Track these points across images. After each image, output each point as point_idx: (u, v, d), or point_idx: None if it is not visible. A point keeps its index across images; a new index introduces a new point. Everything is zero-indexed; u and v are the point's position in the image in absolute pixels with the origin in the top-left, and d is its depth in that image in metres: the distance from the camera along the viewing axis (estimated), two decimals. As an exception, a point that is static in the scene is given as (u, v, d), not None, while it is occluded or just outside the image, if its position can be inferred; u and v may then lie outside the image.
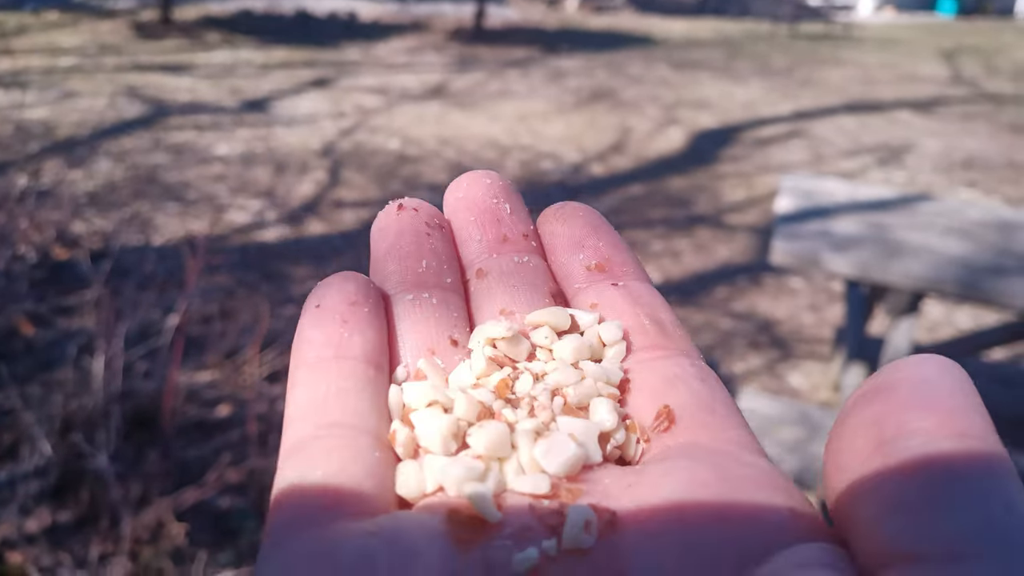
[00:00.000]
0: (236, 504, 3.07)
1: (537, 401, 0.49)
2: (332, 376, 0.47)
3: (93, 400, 3.09)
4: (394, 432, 0.46)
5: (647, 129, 9.05)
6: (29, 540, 2.74)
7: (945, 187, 7.69)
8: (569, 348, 0.52)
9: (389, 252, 0.57)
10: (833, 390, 4.24)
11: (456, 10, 16.63)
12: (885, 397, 0.37)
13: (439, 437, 0.45)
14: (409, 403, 0.48)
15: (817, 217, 3.43)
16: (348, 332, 0.49)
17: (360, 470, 0.42)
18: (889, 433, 0.36)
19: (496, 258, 0.58)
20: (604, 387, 0.50)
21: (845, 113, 10.36)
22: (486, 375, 0.50)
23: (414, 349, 0.52)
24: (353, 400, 0.46)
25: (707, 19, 19.54)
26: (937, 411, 0.36)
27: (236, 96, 9.13)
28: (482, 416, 0.47)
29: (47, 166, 6.34)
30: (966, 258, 3.05)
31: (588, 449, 0.45)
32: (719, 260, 5.78)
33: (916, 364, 0.38)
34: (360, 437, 0.44)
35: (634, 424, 0.48)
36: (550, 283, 0.57)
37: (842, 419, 0.39)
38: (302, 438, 0.44)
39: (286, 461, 0.43)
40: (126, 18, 13.21)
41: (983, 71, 14.14)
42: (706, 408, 0.47)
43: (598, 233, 0.59)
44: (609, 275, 0.57)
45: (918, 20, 22.10)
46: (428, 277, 0.56)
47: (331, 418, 0.45)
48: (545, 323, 0.53)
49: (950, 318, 5.15)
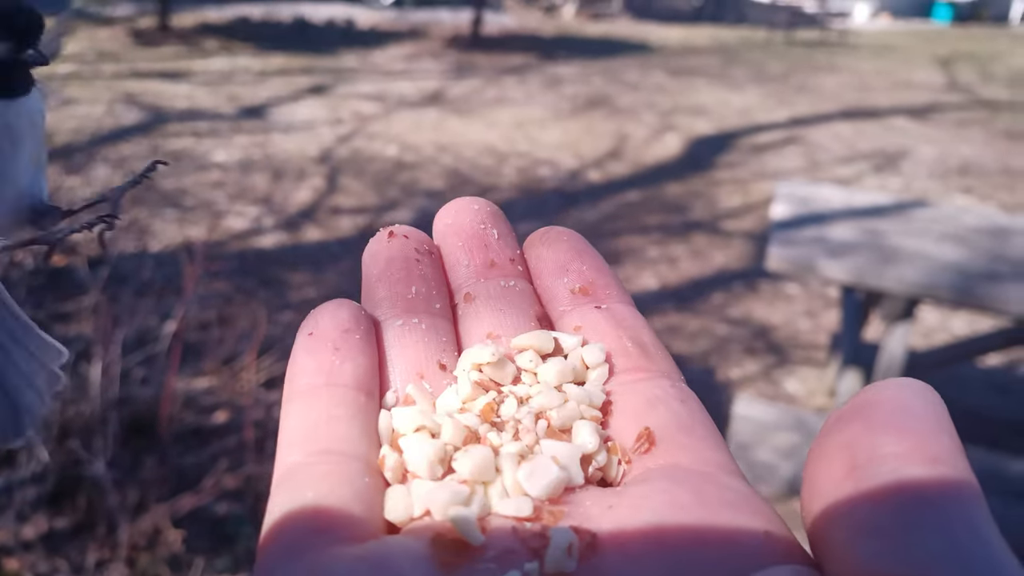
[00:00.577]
0: (233, 510, 3.07)
1: (521, 424, 0.50)
2: (323, 403, 0.49)
3: (90, 406, 3.09)
4: (383, 458, 0.47)
5: (644, 136, 9.08)
6: (26, 546, 2.74)
7: (941, 193, 7.72)
8: (553, 371, 0.53)
9: (380, 278, 0.59)
10: (829, 396, 4.25)
11: (453, 17, 16.67)
12: (859, 421, 0.38)
13: (426, 462, 0.46)
14: (398, 428, 0.49)
15: (813, 223, 3.44)
16: (339, 359, 0.51)
17: (350, 495, 0.43)
18: (862, 458, 0.37)
19: (484, 282, 0.59)
20: (587, 410, 0.51)
21: (841, 120, 10.40)
22: (472, 399, 0.51)
23: (403, 374, 0.53)
24: (344, 427, 0.47)
25: (703, 26, 19.61)
26: (909, 436, 0.37)
27: (234, 103, 9.14)
28: (468, 440, 0.48)
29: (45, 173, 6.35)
30: (961, 264, 3.07)
31: (571, 472, 0.47)
32: (715, 266, 5.79)
33: (890, 388, 0.39)
34: (350, 463, 0.45)
35: (616, 446, 0.49)
36: (536, 307, 0.59)
37: (819, 442, 0.40)
38: (293, 465, 0.45)
39: (278, 487, 0.44)
40: (124, 25, 13.23)
41: (978, 78, 14.20)
42: (686, 429, 0.48)
43: (582, 257, 0.60)
44: (593, 298, 0.58)
45: (913, 27, 22.20)
46: (417, 303, 0.57)
47: (322, 445, 0.46)
48: (530, 347, 0.54)
49: (946, 324, 5.17)
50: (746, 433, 3.06)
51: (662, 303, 5.16)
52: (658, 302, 5.16)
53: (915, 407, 0.38)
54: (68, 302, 4.33)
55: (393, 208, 6.34)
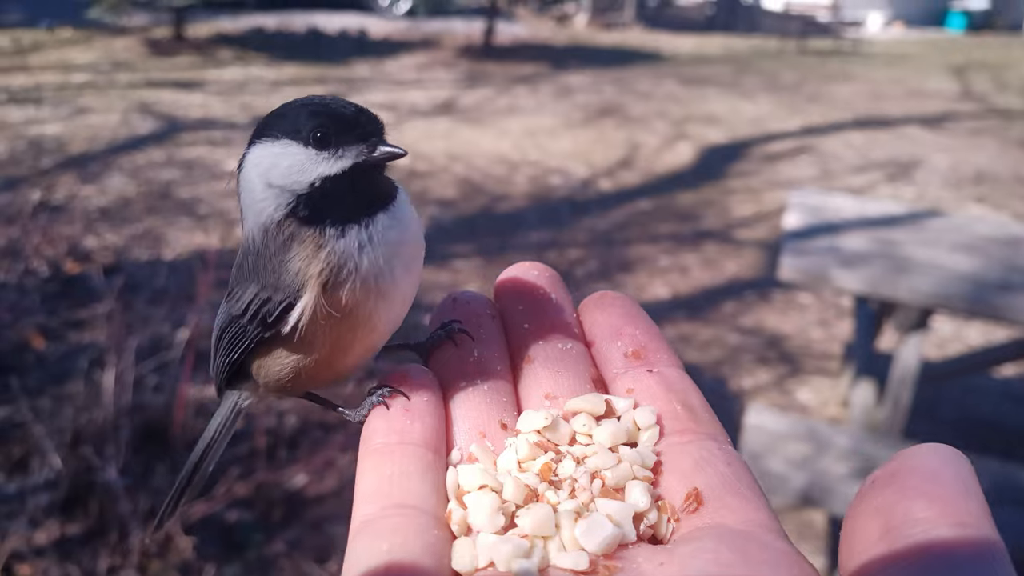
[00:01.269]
0: (243, 517, 3.08)
1: (578, 483, 0.55)
2: (396, 461, 0.55)
3: (103, 413, 3.10)
4: (450, 512, 0.53)
5: (655, 145, 9.07)
6: (38, 552, 2.75)
7: (954, 202, 7.67)
8: (607, 433, 0.58)
9: (445, 346, 0.66)
10: (842, 406, 4.22)
11: (466, 27, 16.74)
12: (893, 486, 0.43)
13: (489, 517, 0.52)
14: (463, 485, 0.55)
15: (825, 233, 3.43)
16: (410, 420, 0.58)
17: (420, 548, 0.49)
18: (896, 521, 0.42)
19: (542, 345, 0.65)
20: (639, 470, 0.56)
21: (854, 129, 10.36)
22: (531, 458, 0.56)
23: (467, 433, 0.59)
24: (415, 483, 0.53)
25: (716, 35, 19.61)
26: (939, 502, 0.42)
27: (247, 112, 9.20)
28: (528, 498, 0.54)
29: (60, 181, 6.41)
30: (975, 274, 3.05)
31: (624, 529, 0.51)
32: (727, 275, 5.77)
33: (921, 455, 0.45)
34: (420, 517, 0.51)
35: (665, 505, 0.54)
36: (591, 369, 0.65)
37: (855, 504, 0.45)
38: (369, 517, 0.51)
39: (355, 537, 0.50)
40: (139, 35, 13.36)
41: (992, 86, 14.13)
42: (732, 491, 0.53)
43: (635, 322, 0.65)
44: (644, 361, 0.63)
45: (927, 36, 22.12)
46: (480, 365, 0.64)
47: (395, 499, 0.52)
48: (583, 410, 0.60)
49: (960, 334, 5.13)
50: (758, 443, 3.04)
51: (673, 312, 5.15)
52: (669, 311, 5.15)
53: (944, 474, 0.43)
54: (82, 310, 4.36)
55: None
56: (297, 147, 0.65)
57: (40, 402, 3.43)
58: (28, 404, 3.22)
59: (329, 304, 0.62)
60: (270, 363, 0.69)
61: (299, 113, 0.66)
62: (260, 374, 0.70)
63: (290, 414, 3.68)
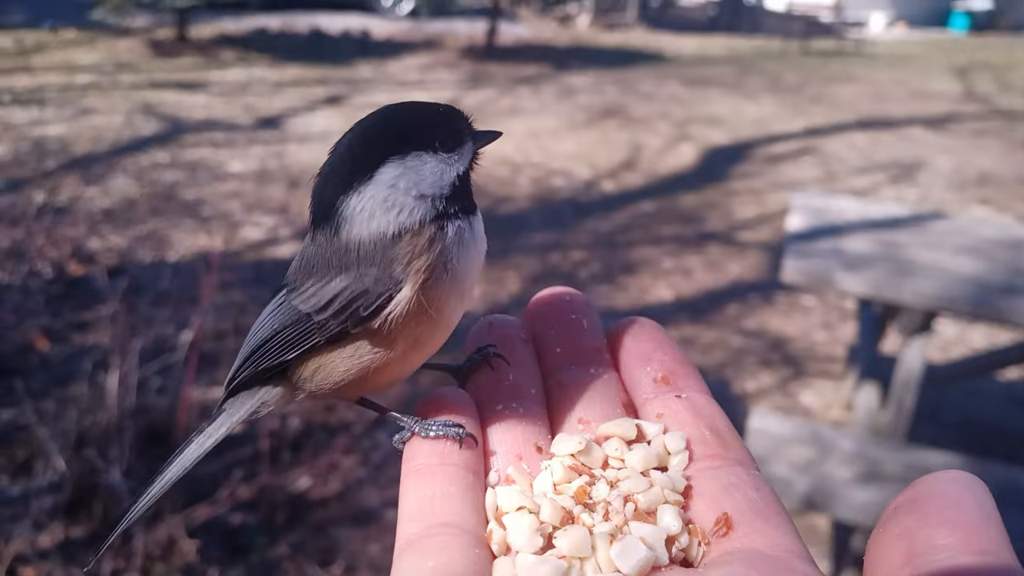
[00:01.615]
0: (247, 520, 3.08)
1: (611, 506, 0.57)
2: (438, 481, 0.57)
3: (107, 416, 3.11)
4: (490, 532, 0.55)
5: (658, 146, 9.07)
6: (42, 555, 2.75)
7: (958, 204, 7.66)
8: (638, 458, 0.60)
9: (481, 367, 0.69)
10: (845, 408, 4.22)
11: (469, 28, 16.75)
12: (915, 514, 0.45)
13: (528, 538, 0.54)
14: (501, 506, 0.57)
15: (828, 235, 3.42)
16: (450, 443, 0.60)
17: (463, 566, 0.51)
18: (919, 548, 0.44)
19: (574, 370, 0.67)
20: (670, 494, 0.58)
21: (857, 130, 10.35)
22: (566, 481, 0.59)
23: (504, 455, 0.62)
24: (457, 503, 0.56)
25: (719, 36, 19.60)
26: (960, 529, 0.44)
27: (250, 113, 9.21)
28: (564, 519, 0.56)
29: (64, 183, 6.41)
30: (978, 277, 3.04)
31: (657, 552, 0.54)
32: (730, 277, 5.77)
33: (942, 482, 0.46)
34: (462, 536, 0.53)
35: (696, 529, 0.56)
36: (621, 394, 0.67)
37: (879, 531, 0.47)
38: (414, 536, 0.53)
39: (401, 555, 0.52)
40: (142, 36, 13.38)
41: (996, 87, 14.11)
42: (761, 516, 0.54)
43: (663, 348, 0.68)
44: (673, 387, 0.66)
45: (930, 36, 22.09)
46: (515, 389, 0.66)
47: (439, 519, 0.54)
48: (615, 435, 0.62)
49: (964, 337, 5.13)
50: (761, 447, 3.04)
51: (676, 315, 5.15)
52: (672, 314, 5.15)
53: (965, 502, 0.45)
54: (86, 311, 4.36)
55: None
56: (429, 156, 0.69)
57: (44, 404, 3.44)
58: (32, 406, 3.23)
59: (425, 299, 0.65)
60: (336, 362, 0.69)
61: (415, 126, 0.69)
62: (315, 375, 0.71)
63: (293, 417, 3.68)
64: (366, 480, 3.41)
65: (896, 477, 2.91)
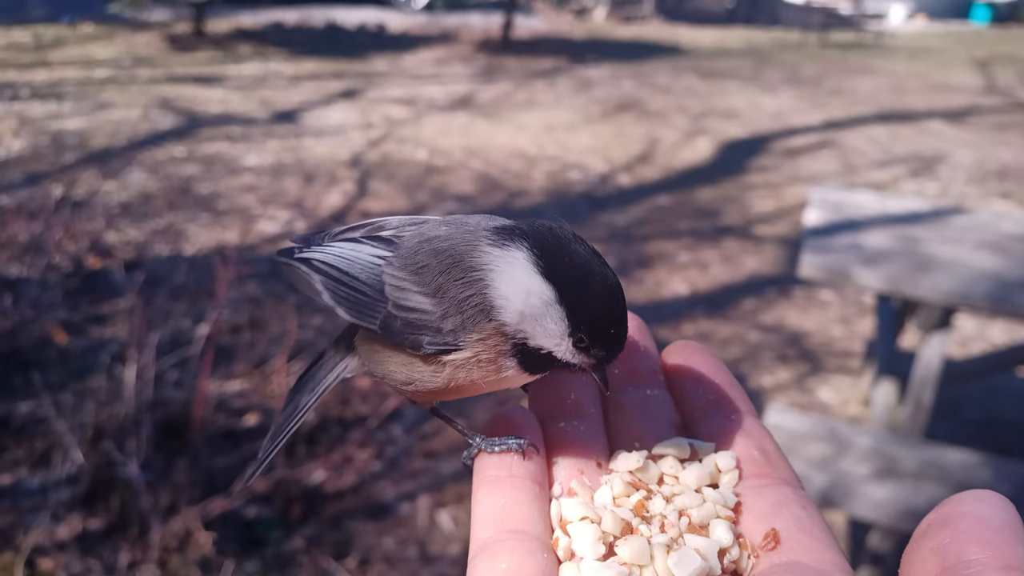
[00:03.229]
0: (263, 513, 3.09)
1: (667, 520, 0.62)
2: (507, 491, 0.61)
3: (124, 409, 3.13)
4: (556, 539, 0.60)
5: (674, 139, 9.02)
6: (60, 547, 2.78)
7: (978, 198, 7.57)
8: (692, 476, 0.65)
9: (544, 385, 0.73)
10: (863, 405, 4.18)
11: (484, 21, 16.71)
12: (948, 530, 0.49)
13: (592, 546, 0.59)
14: (565, 516, 0.61)
15: (846, 230, 3.39)
16: (518, 456, 0.64)
17: (533, 568, 0.55)
18: (951, 562, 0.47)
19: (631, 391, 0.72)
20: (721, 509, 0.63)
21: (876, 123, 10.25)
22: (624, 495, 0.64)
23: (567, 470, 0.66)
24: (525, 511, 0.60)
25: (736, 28, 19.46)
26: (990, 546, 0.47)
27: (266, 107, 9.24)
28: (624, 530, 0.61)
29: (82, 177, 6.46)
30: (998, 272, 3.00)
31: (710, 563, 0.58)
32: (747, 271, 5.73)
33: (973, 500, 0.50)
34: (532, 542, 0.58)
35: (746, 542, 0.60)
36: (675, 415, 0.71)
37: (913, 544, 0.51)
38: (488, 540, 0.58)
39: (475, 558, 0.57)
40: (160, 30, 13.44)
41: (1017, 80, 13.92)
42: (807, 532, 0.58)
43: (715, 371, 0.72)
44: (724, 409, 0.70)
45: (951, 28, 21.83)
46: (576, 407, 0.70)
47: (509, 525, 0.59)
48: (670, 454, 0.67)
49: (983, 332, 5.07)
50: (778, 443, 3.02)
51: (692, 309, 5.12)
52: (689, 308, 5.12)
53: (995, 520, 0.48)
54: (103, 305, 4.40)
55: (423, 212, 6.35)
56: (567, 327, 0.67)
57: (62, 397, 3.47)
58: (50, 399, 3.26)
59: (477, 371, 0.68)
60: (390, 358, 0.71)
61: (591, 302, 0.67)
62: (371, 357, 0.73)
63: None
64: (381, 474, 3.42)
65: (913, 474, 2.89)
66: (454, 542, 3.13)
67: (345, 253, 0.74)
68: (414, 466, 3.48)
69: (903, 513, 2.73)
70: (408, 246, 0.72)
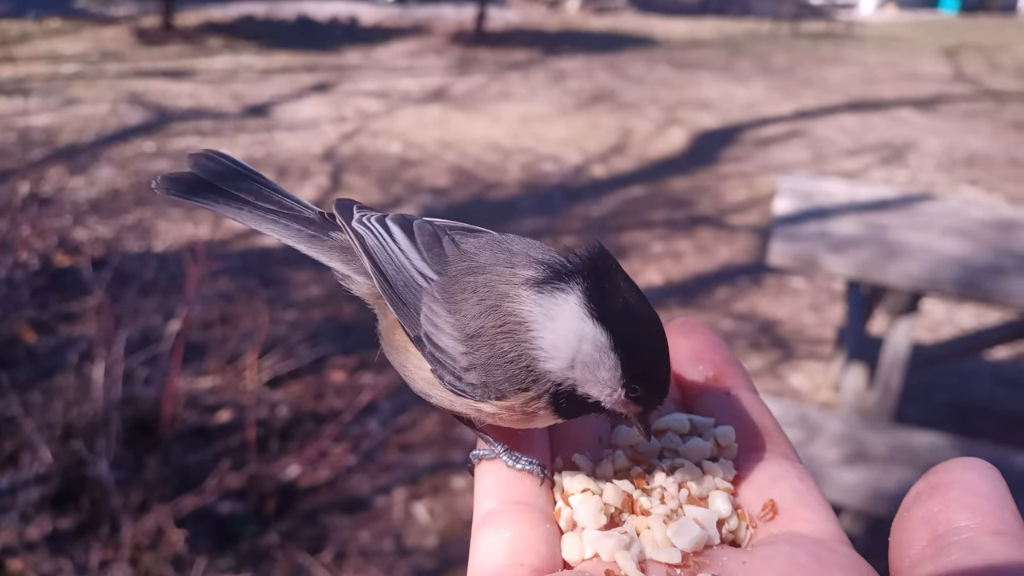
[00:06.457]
0: (236, 509, 3.07)
1: (667, 492, 0.64)
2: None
3: (93, 407, 3.09)
4: (558, 510, 0.62)
5: (648, 130, 9.05)
6: (29, 547, 2.74)
7: (947, 185, 7.66)
8: (692, 450, 0.66)
9: None
10: (834, 390, 4.23)
11: (457, 13, 16.65)
12: (937, 498, 0.50)
13: (593, 516, 0.60)
14: (568, 488, 0.63)
15: (816, 218, 3.42)
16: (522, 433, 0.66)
17: (535, 537, 0.58)
18: (941, 529, 0.49)
19: None
20: (720, 482, 0.64)
21: (847, 112, 10.34)
22: (625, 469, 0.66)
23: (569, 444, 0.68)
24: (527, 484, 0.62)
25: (708, 19, 19.53)
26: (979, 513, 0.48)
27: (237, 101, 9.15)
28: (624, 502, 0.62)
29: (49, 173, 6.36)
30: (965, 258, 3.04)
31: (709, 532, 0.59)
32: (720, 261, 5.77)
33: (960, 468, 0.51)
34: (535, 512, 0.60)
35: (744, 513, 0.62)
36: (674, 391, 0.73)
37: (903, 513, 0.52)
38: (492, 510, 0.60)
39: (480, 527, 0.59)
40: (128, 24, 13.25)
41: (985, 68, 14.10)
42: (804, 503, 0.59)
43: (715, 348, 0.73)
44: (723, 385, 0.71)
45: (920, 18, 22.05)
46: None
47: (513, 497, 0.61)
48: (670, 428, 0.68)
49: (952, 317, 5.14)
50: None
51: (666, 298, 5.14)
52: (662, 297, 5.14)
53: (982, 487, 0.50)
54: (72, 302, 4.34)
55: (397, 205, 6.33)
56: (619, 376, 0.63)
57: (30, 396, 3.42)
58: (18, 398, 3.21)
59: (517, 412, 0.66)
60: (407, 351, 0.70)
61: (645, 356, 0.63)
62: (386, 335, 0.72)
63: (282, 405, 3.67)
64: (356, 468, 3.40)
65: (883, 458, 2.92)
66: (430, 534, 3.12)
67: (396, 257, 0.70)
68: (389, 459, 3.47)
69: (873, 497, 2.77)
70: (451, 273, 0.68)
